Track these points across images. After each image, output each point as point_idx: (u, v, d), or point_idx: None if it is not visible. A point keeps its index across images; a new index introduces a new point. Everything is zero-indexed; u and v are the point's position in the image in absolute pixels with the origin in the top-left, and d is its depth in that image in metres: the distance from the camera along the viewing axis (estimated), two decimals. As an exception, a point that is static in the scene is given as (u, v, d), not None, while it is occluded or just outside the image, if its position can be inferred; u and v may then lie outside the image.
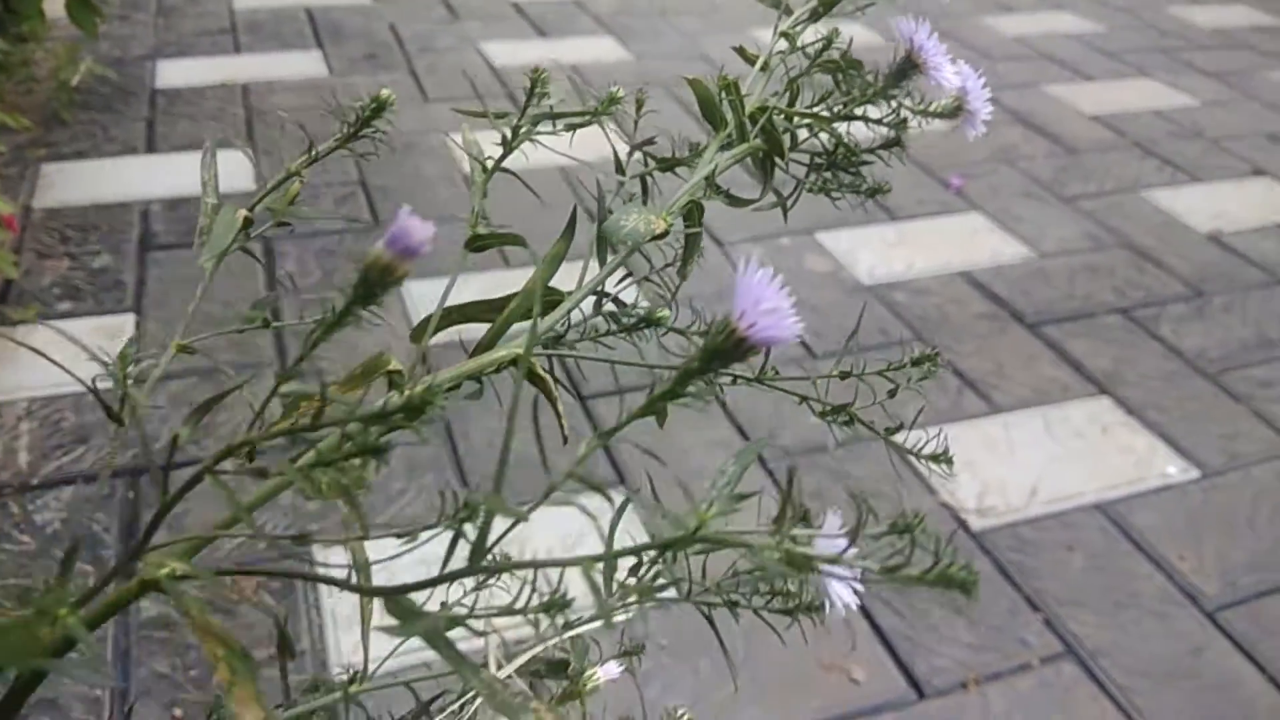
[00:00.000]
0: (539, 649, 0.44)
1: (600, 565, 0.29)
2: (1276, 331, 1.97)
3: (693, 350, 0.42)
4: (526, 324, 0.39)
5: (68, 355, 1.49)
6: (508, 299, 0.40)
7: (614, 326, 0.40)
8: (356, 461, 0.28)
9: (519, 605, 0.32)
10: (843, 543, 0.28)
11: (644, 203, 0.42)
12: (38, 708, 1.15)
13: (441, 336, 0.50)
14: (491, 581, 0.38)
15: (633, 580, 0.39)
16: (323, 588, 1.31)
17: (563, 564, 0.28)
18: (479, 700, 0.44)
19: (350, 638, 1.24)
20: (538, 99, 0.43)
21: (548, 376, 0.36)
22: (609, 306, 0.41)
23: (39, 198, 2.10)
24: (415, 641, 0.38)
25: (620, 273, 0.41)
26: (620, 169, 0.43)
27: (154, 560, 0.34)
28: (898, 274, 2.06)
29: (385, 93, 0.45)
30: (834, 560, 0.26)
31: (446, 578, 0.30)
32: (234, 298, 1.85)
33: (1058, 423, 1.69)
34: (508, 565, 0.29)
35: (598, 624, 0.41)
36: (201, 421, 0.42)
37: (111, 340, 1.71)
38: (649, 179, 0.43)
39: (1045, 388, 1.77)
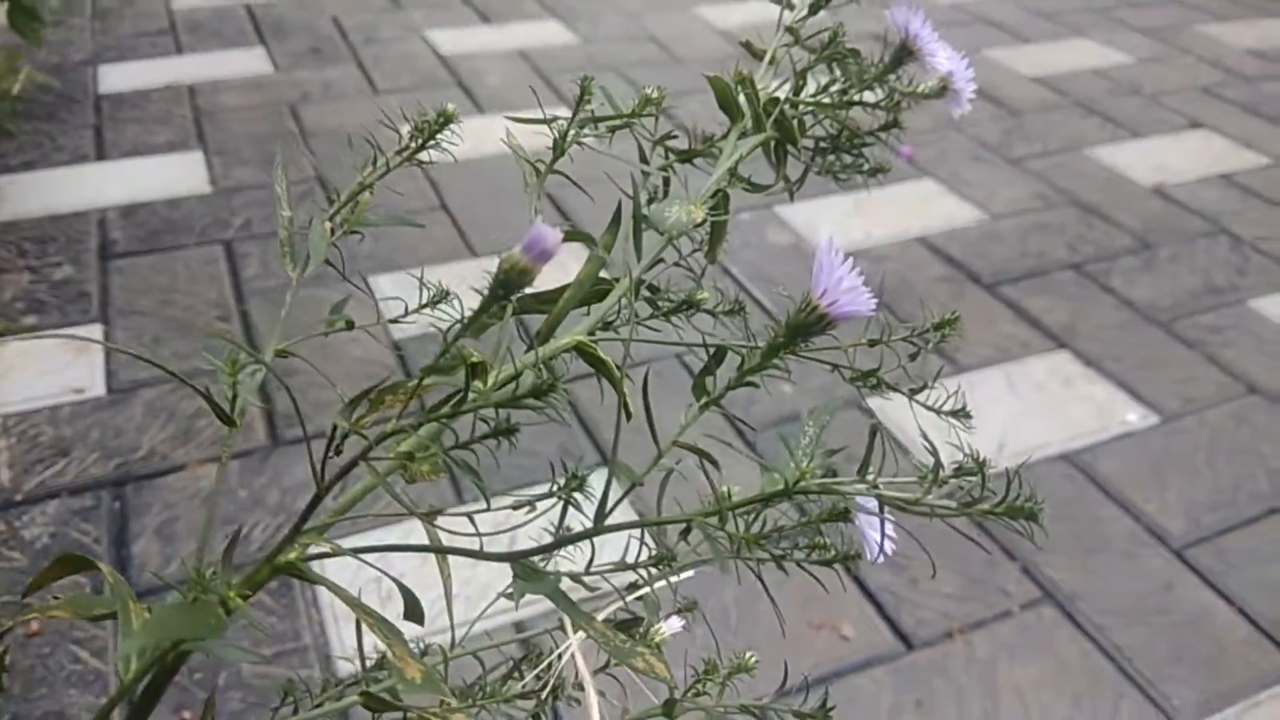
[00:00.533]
0: (614, 607, 0.47)
1: (714, 518, 0.32)
2: (1223, 278, 2.05)
3: (728, 327, 0.45)
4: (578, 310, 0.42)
5: (43, 369, 1.49)
6: (560, 290, 0.42)
7: (656, 310, 0.43)
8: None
9: (630, 560, 0.34)
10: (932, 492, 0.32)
11: (665, 194, 0.44)
12: (43, 719, 1.16)
13: (414, 329, 0.53)
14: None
15: (684, 545, 0.42)
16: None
17: (673, 521, 0.31)
18: (563, 659, 0.47)
19: (352, 630, 1.26)
20: (584, 104, 0.45)
21: (609, 359, 0.39)
22: (645, 293, 0.44)
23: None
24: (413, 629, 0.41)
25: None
26: (645, 159, 0.46)
27: (303, 541, 0.36)
28: (857, 242, 2.10)
29: (450, 107, 0.47)
30: (918, 502, 0.29)
31: (570, 539, 0.32)
32: (196, 302, 1.84)
33: (1020, 378, 1.74)
34: (625, 525, 0.32)
35: (663, 582, 0.43)
36: (189, 427, 0.44)
37: (79, 355, 1.70)
38: (672, 170, 0.45)
39: (1006, 345, 1.82)
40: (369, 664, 0.57)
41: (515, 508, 0.36)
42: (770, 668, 1.26)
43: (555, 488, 0.34)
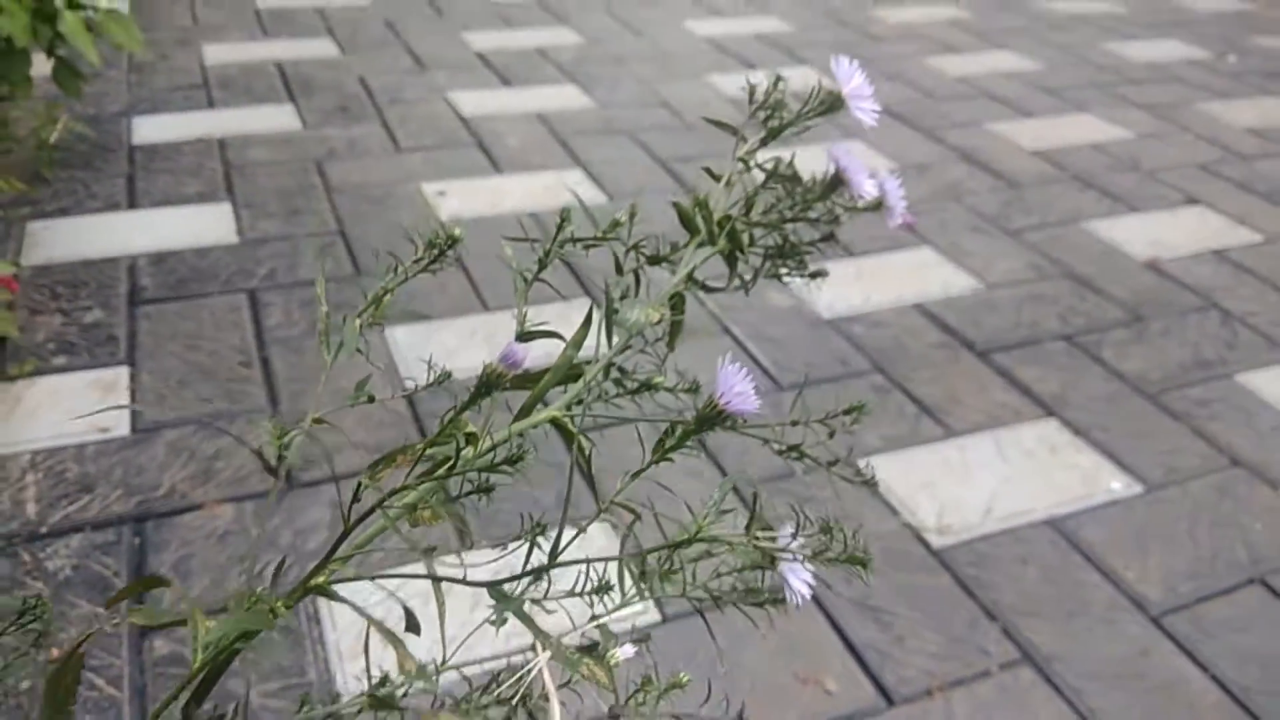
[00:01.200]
0: (576, 633, 0.53)
1: (633, 560, 0.39)
2: (1212, 352, 2.11)
3: (683, 409, 0.51)
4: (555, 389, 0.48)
5: (65, 409, 1.57)
6: (542, 373, 0.49)
7: (621, 390, 0.50)
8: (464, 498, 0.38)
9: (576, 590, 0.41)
10: (794, 543, 0.39)
11: (636, 293, 0.51)
12: (60, 745, 1.21)
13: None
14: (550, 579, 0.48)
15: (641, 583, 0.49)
16: (325, 625, 1.39)
17: (607, 560, 0.38)
18: (532, 673, 0.53)
19: (355, 666, 1.32)
20: (562, 231, 0.53)
21: (574, 431, 0.45)
22: (614, 375, 0.50)
23: (27, 255, 2.17)
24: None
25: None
26: (619, 269, 0.53)
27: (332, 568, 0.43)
28: (855, 307, 2.18)
29: (457, 231, 0.54)
30: (782, 550, 0.36)
31: (533, 572, 0.39)
32: (220, 347, 1.92)
33: (1009, 444, 1.80)
34: (571, 562, 0.39)
35: (626, 611, 0.50)
36: (209, 468, 0.51)
37: (107, 394, 1.78)
38: (641, 272, 0.52)
39: (996, 412, 1.88)
40: (374, 680, 0.63)
41: (493, 547, 0.42)
42: (759, 713, 1.31)
43: (523, 533, 0.40)
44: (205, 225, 2.33)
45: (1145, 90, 3.56)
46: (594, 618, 0.50)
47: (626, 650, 0.57)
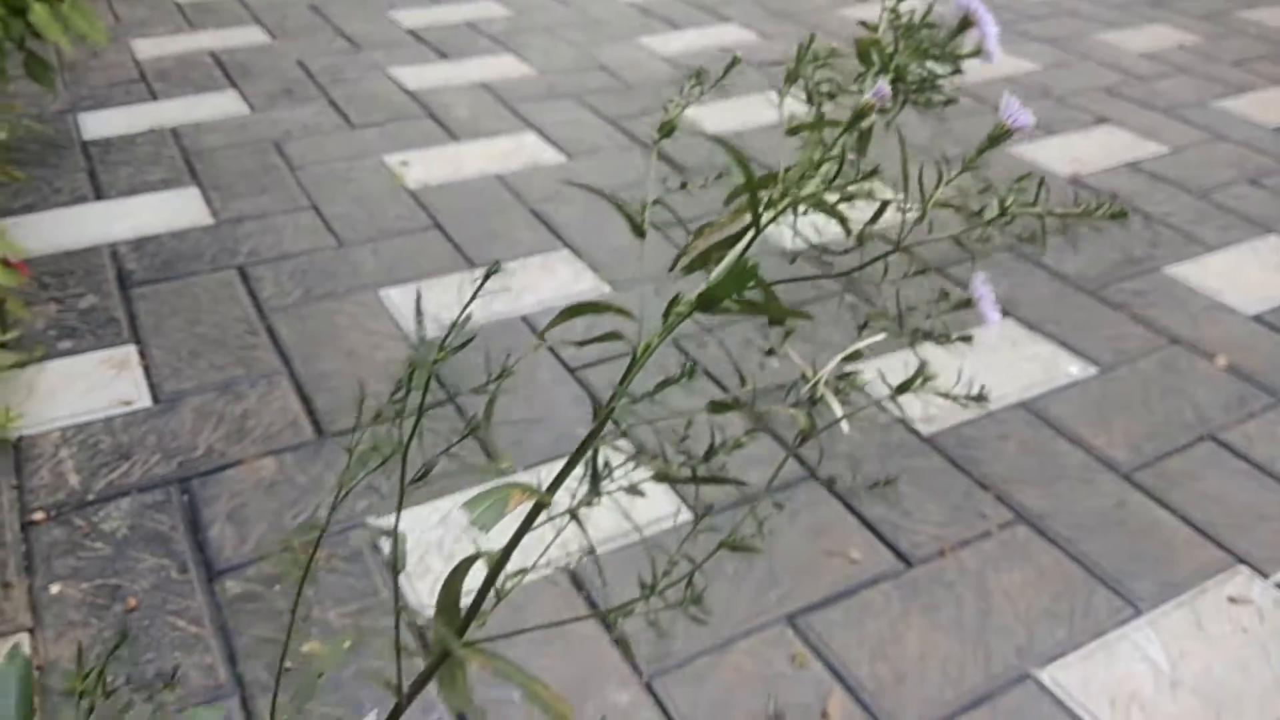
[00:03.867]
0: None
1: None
2: (1140, 250, 2.31)
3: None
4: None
5: (87, 386, 1.65)
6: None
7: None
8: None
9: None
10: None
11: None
12: (158, 678, 1.29)
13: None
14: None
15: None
16: (385, 551, 1.48)
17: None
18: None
19: (424, 583, 1.41)
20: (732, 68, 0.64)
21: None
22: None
23: (5, 251, 2.17)
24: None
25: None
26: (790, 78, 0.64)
27: None
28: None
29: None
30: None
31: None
32: (222, 320, 1.98)
33: (975, 341, 1.96)
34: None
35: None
36: (240, 427, 0.61)
37: (120, 370, 1.83)
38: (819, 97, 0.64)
39: (958, 314, 2.05)
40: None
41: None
42: (794, 588, 1.45)
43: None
44: (177, 210, 2.36)
45: (1046, 25, 3.78)
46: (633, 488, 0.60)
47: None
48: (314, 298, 2.06)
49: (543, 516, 0.58)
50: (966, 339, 0.66)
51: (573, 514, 0.53)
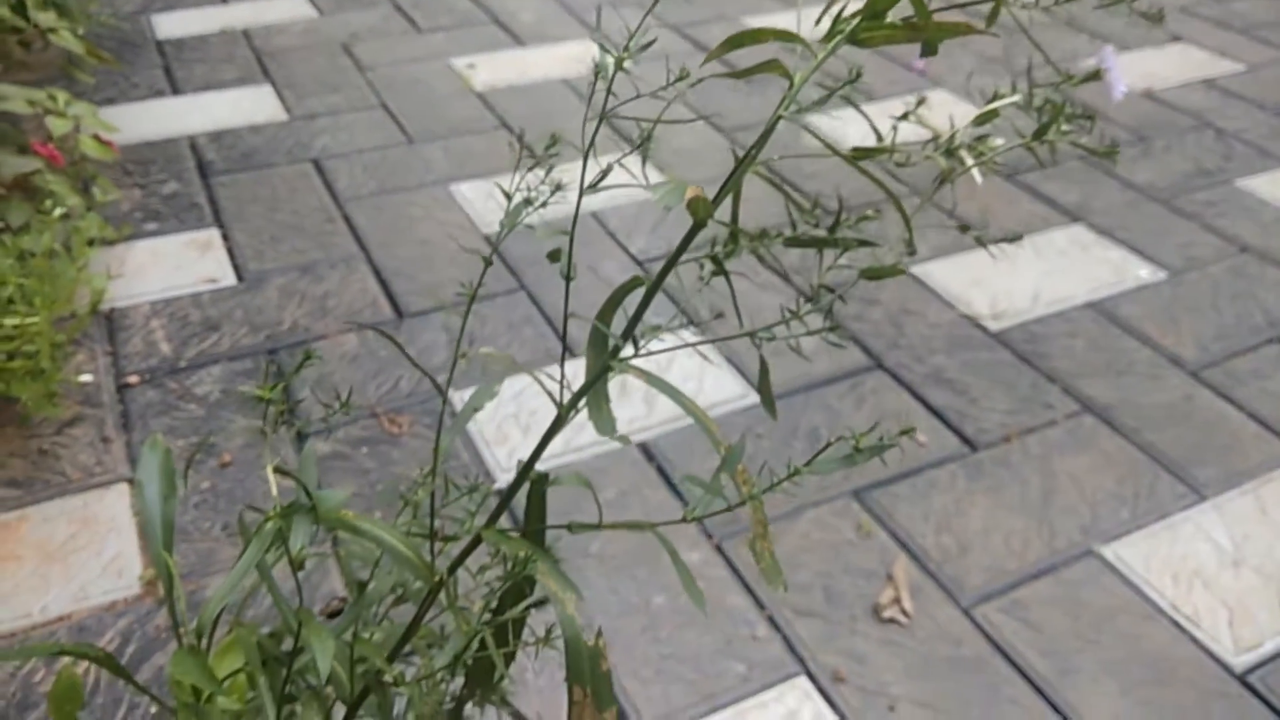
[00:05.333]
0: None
1: None
2: (1211, 164, 2.28)
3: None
4: None
5: (175, 265, 1.70)
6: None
7: None
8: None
9: None
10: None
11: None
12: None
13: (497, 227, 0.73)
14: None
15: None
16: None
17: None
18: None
19: (503, 449, 1.47)
20: None
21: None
22: None
23: (83, 149, 2.23)
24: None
25: None
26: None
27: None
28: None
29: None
30: None
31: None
32: (300, 208, 2.03)
33: (1044, 246, 1.97)
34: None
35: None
36: (322, 305, 0.64)
37: (205, 251, 1.89)
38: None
39: (1029, 220, 2.05)
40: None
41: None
42: (862, 467, 1.47)
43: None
44: (252, 106, 2.40)
45: (1120, -56, 3.69)
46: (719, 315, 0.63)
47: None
48: (387, 190, 2.10)
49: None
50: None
51: (714, 261, 0.56)
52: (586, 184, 0.59)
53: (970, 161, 0.55)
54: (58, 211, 1.49)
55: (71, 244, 1.52)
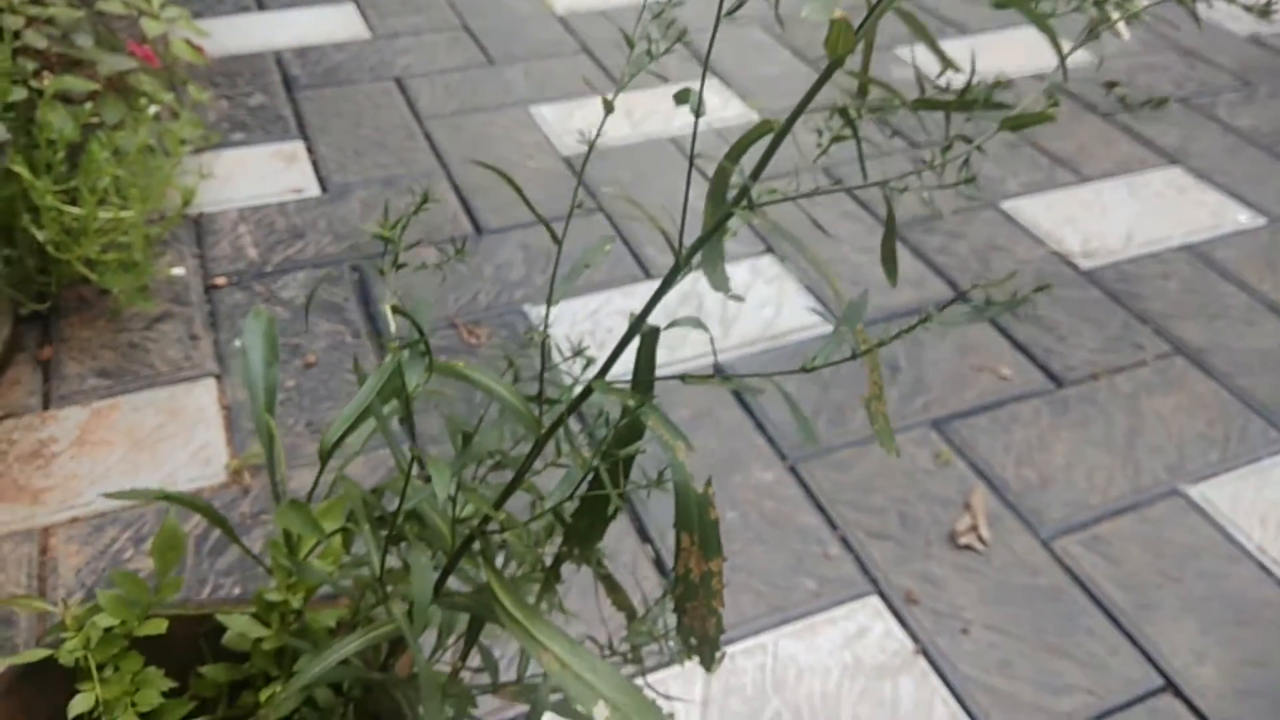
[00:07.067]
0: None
1: None
2: (1320, 110, 2.18)
3: None
4: None
5: (261, 174, 1.71)
6: None
7: None
8: None
9: None
10: None
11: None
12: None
13: (577, 148, 0.70)
14: None
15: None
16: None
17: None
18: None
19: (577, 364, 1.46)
20: None
21: None
22: None
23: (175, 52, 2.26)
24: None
25: None
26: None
27: None
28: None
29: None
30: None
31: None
32: (382, 124, 2.03)
33: (1140, 187, 1.91)
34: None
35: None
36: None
37: (290, 163, 1.90)
38: None
39: (1125, 161, 1.98)
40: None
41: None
42: (943, 397, 1.46)
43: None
44: (337, 23, 2.41)
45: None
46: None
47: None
48: (467, 110, 2.10)
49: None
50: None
51: (842, 114, 0.54)
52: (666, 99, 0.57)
53: (1115, 14, 0.52)
54: (151, 110, 1.51)
55: (165, 143, 1.54)
